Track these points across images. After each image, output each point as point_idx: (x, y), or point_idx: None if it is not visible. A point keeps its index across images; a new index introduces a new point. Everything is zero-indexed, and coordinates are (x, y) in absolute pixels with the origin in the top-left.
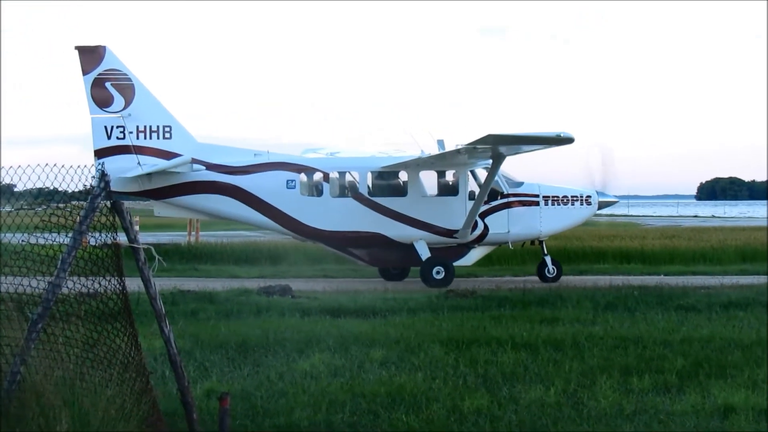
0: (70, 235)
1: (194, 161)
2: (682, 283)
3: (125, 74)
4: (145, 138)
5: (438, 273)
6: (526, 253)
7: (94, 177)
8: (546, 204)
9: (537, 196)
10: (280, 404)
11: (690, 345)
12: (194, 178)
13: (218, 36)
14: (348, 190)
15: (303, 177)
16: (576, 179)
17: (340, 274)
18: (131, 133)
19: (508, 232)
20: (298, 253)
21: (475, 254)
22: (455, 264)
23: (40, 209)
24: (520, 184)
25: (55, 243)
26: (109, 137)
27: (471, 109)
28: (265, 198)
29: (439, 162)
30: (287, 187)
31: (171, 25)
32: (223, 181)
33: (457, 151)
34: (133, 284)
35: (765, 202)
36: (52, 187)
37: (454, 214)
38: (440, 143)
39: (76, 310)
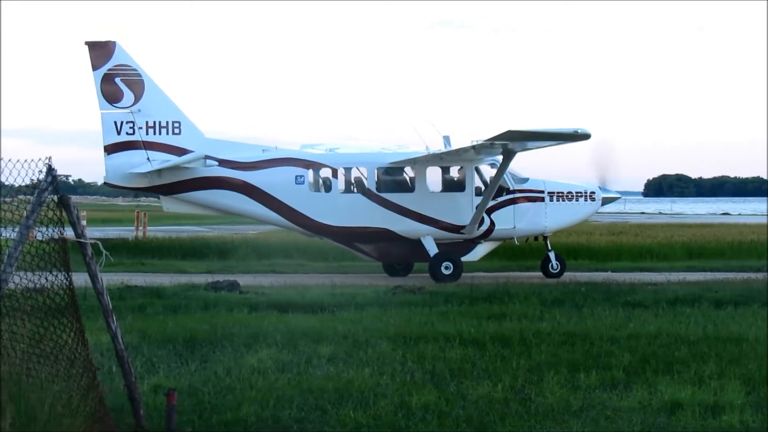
0: (16, 229)
1: (207, 157)
2: (629, 280)
3: (135, 70)
4: (154, 133)
5: (447, 268)
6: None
7: (45, 174)
8: (551, 200)
9: (542, 192)
10: (228, 400)
11: (637, 341)
12: (203, 173)
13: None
14: (356, 186)
15: (311, 173)
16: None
17: (288, 270)
18: (141, 128)
19: (514, 227)
20: (246, 248)
21: (482, 250)
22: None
23: None
24: (526, 180)
25: (1, 237)
26: (118, 133)
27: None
28: (274, 194)
29: (449, 158)
30: (296, 183)
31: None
32: (231, 177)
33: (472, 147)
34: (80, 279)
35: (713, 199)
36: None
37: (461, 210)
38: (446, 139)
39: (23, 305)
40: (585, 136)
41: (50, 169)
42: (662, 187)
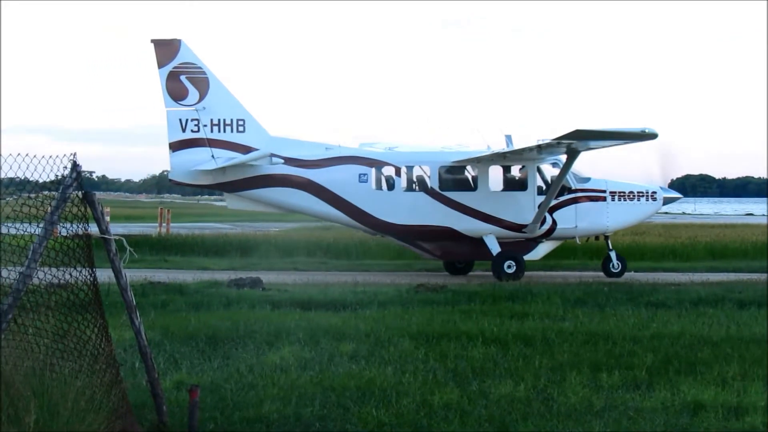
0: (41, 225)
1: (273, 155)
2: (651, 280)
3: (200, 67)
4: (219, 131)
5: (509, 267)
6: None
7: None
8: (613, 199)
9: (604, 191)
10: (250, 397)
11: (659, 341)
12: (268, 171)
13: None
14: (419, 185)
15: (374, 171)
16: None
17: (310, 267)
18: (205, 126)
19: (576, 227)
20: (269, 245)
21: (543, 249)
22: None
23: (10, 199)
24: (588, 179)
25: (26, 233)
26: (183, 130)
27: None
28: (338, 192)
29: (513, 157)
30: (359, 181)
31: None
32: (296, 175)
33: (537, 146)
34: (104, 275)
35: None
36: (23, 177)
37: (523, 209)
38: (508, 138)
39: (47, 300)
40: (652, 136)
41: (75, 165)
42: (685, 187)
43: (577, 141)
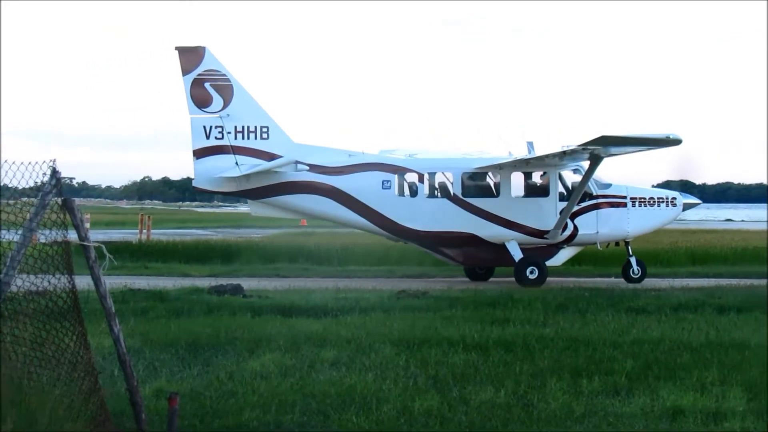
0: (19, 232)
1: (298, 162)
2: (632, 285)
3: (224, 75)
4: (243, 138)
5: (532, 273)
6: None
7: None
8: (633, 205)
9: (625, 197)
10: (230, 404)
11: (640, 347)
12: (292, 178)
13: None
14: (442, 191)
15: (398, 178)
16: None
17: (292, 273)
18: (229, 133)
19: (597, 232)
20: (251, 251)
21: (565, 254)
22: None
23: None
24: (609, 185)
25: (4, 240)
26: (207, 137)
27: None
28: (362, 198)
29: (536, 163)
30: (383, 188)
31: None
32: (320, 182)
33: (562, 153)
34: (83, 282)
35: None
36: (1, 184)
37: (545, 215)
38: (530, 144)
39: (25, 308)
40: (676, 142)
41: (54, 172)
42: None
43: (601, 147)
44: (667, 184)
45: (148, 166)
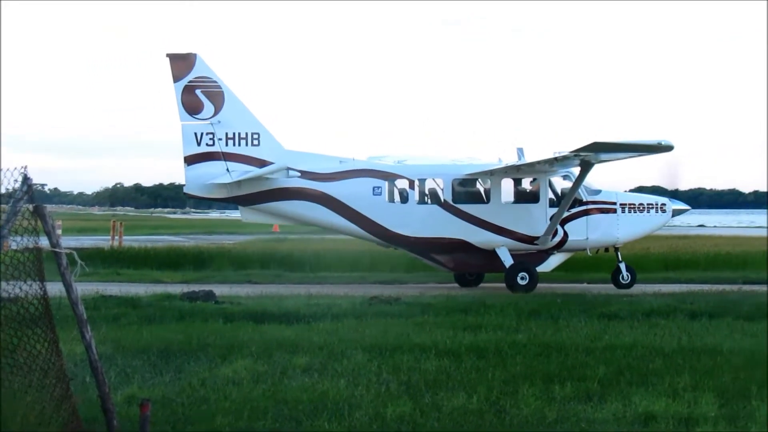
0: None
1: (290, 169)
2: (605, 291)
3: (215, 81)
4: (234, 145)
5: (523, 279)
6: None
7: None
8: (623, 211)
9: (614, 203)
10: (202, 411)
11: (612, 353)
12: (283, 184)
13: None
14: (433, 197)
15: (388, 184)
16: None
17: (264, 280)
18: (220, 139)
19: (587, 238)
20: (223, 257)
21: (555, 260)
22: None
23: None
24: (598, 191)
25: None
26: (198, 144)
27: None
28: (352, 204)
29: (527, 169)
30: (374, 194)
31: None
32: (311, 188)
33: (554, 159)
34: (55, 289)
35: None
36: None
37: (535, 221)
38: (520, 151)
39: None
40: (668, 148)
41: (26, 179)
42: None
43: (592, 153)
44: (639, 189)
45: (119, 173)
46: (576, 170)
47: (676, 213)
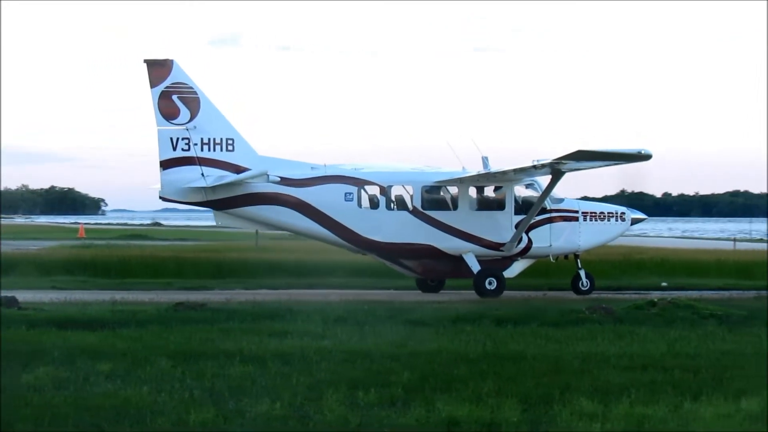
0: None
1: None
2: (413, 298)
3: (191, 87)
4: (209, 150)
5: (491, 284)
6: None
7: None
8: (585, 219)
9: (577, 212)
10: (2, 417)
11: (417, 359)
12: (257, 189)
13: None
14: (403, 204)
15: (360, 190)
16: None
17: (70, 285)
18: (196, 145)
19: (551, 245)
20: (27, 263)
21: (518, 267)
22: None
23: None
24: (562, 200)
25: None
26: (174, 149)
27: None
28: (325, 210)
29: (498, 177)
30: (345, 200)
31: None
32: (284, 193)
33: (533, 167)
34: None
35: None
36: None
37: (502, 228)
38: (485, 160)
39: None
40: (647, 157)
41: None
42: None
43: (577, 161)
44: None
45: None
46: (542, 179)
47: (635, 222)
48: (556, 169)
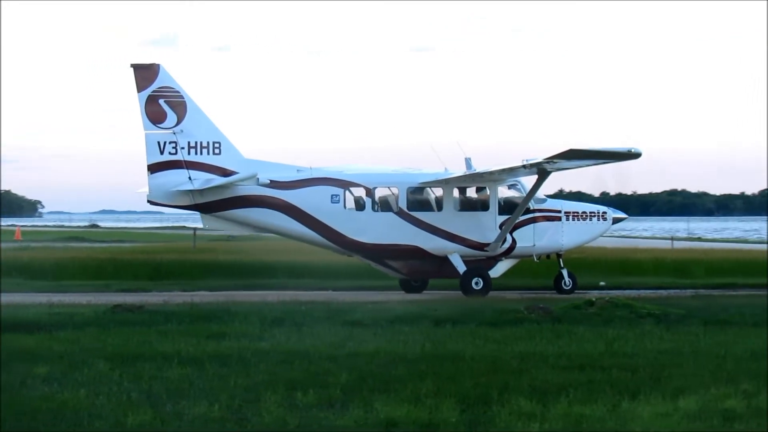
0: None
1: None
2: (351, 299)
3: (178, 91)
4: (196, 153)
5: (477, 284)
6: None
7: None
8: (567, 219)
9: (559, 211)
10: None
11: (355, 360)
12: (244, 192)
13: None
14: (389, 205)
15: (346, 192)
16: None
17: (5, 288)
18: (183, 148)
19: (534, 245)
20: None
21: (503, 266)
22: None
23: None
24: (544, 200)
25: None
26: (161, 152)
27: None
28: (311, 212)
29: (483, 178)
30: (332, 202)
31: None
32: (271, 196)
33: (522, 166)
34: None
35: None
36: None
37: (486, 228)
38: (468, 161)
39: None
40: (637, 155)
41: None
42: None
43: (568, 160)
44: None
45: None
46: (525, 180)
47: (616, 221)
48: (542, 169)
